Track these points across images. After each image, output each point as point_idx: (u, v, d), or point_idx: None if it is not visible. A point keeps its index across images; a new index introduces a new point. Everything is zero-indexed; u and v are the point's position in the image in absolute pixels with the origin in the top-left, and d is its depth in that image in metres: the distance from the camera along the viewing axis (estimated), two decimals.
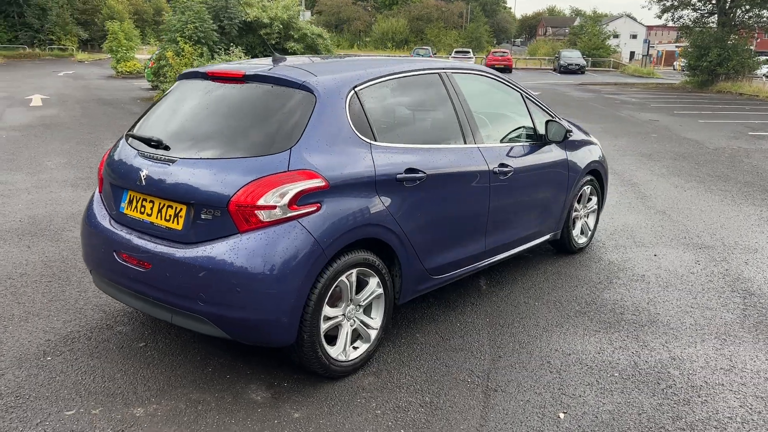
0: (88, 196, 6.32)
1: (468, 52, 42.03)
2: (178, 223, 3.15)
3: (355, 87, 3.45)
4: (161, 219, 3.22)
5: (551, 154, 4.75)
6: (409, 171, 3.51)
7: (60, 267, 4.92)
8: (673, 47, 63.66)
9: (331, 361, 3.26)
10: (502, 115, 4.91)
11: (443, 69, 4.10)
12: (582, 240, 5.44)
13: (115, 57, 29.30)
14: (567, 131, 4.63)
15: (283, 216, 2.99)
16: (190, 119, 3.51)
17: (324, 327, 3.20)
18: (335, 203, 3.13)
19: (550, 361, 3.59)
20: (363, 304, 3.44)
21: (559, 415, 3.07)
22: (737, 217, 6.67)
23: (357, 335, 3.50)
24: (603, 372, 3.47)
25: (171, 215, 3.18)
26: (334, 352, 3.31)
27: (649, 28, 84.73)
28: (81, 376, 3.36)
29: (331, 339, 3.35)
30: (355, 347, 3.46)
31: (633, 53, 71.49)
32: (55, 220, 6.16)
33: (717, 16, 30.93)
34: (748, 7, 29.67)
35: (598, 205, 5.58)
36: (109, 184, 3.60)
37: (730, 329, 4.01)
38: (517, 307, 4.30)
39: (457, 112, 4.03)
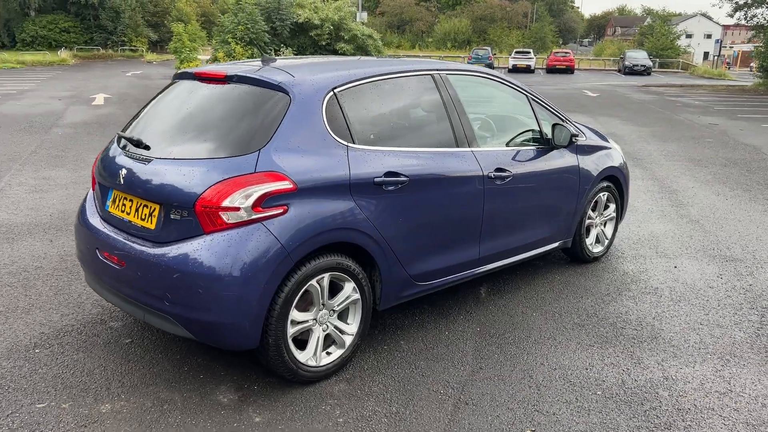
0: None
1: (528, 53, 41.24)
2: (152, 222, 3.17)
3: (334, 88, 3.40)
4: (138, 218, 3.26)
5: (559, 158, 4.57)
6: (390, 175, 3.43)
7: (74, 262, 5.07)
8: (751, 47, 60.79)
9: (299, 366, 3.22)
10: (505, 118, 4.77)
11: (438, 70, 4.00)
12: (597, 249, 5.22)
13: (179, 58, 30.18)
14: (572, 135, 4.43)
15: (248, 218, 2.97)
16: (172, 119, 3.54)
17: (292, 331, 3.17)
18: (303, 206, 3.09)
19: (532, 375, 3.44)
20: (337, 309, 3.38)
21: None
22: None
23: (332, 341, 3.44)
24: (586, 389, 3.30)
25: (146, 214, 3.22)
26: (304, 356, 3.27)
27: (725, 28, 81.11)
28: (62, 370, 3.44)
29: (303, 343, 3.31)
30: (329, 353, 3.41)
31: (707, 54, 68.59)
32: None
33: None
34: None
35: (617, 213, 5.33)
36: (98, 183, 3.68)
37: (738, 349, 3.75)
38: (512, 317, 4.15)
39: (450, 114, 3.91)
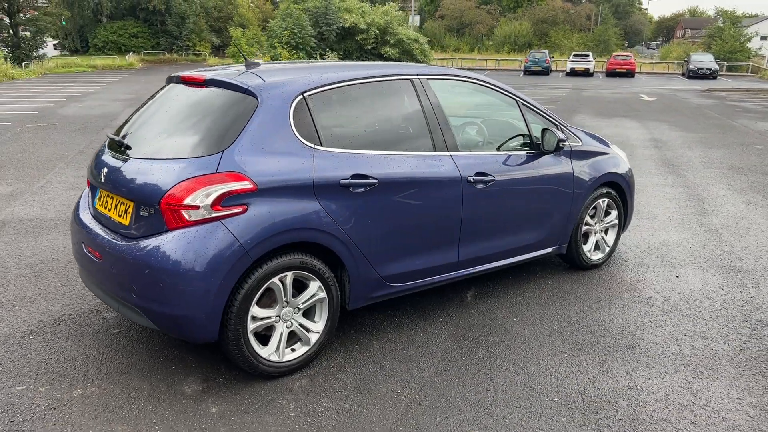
0: None
1: (587, 56, 40.34)
2: (127, 219, 3.35)
3: (304, 92, 3.50)
4: (116, 214, 3.45)
5: (550, 164, 4.53)
6: (357, 177, 3.50)
7: None
8: None
9: (260, 361, 3.33)
10: (499, 122, 4.76)
11: (417, 75, 4.04)
12: (597, 256, 5.13)
13: (237, 62, 31.10)
14: (559, 140, 4.39)
15: (208, 216, 3.10)
16: (155, 120, 3.72)
17: (252, 326, 3.28)
18: (264, 206, 3.20)
19: (493, 380, 3.44)
20: (302, 307, 3.48)
21: None
22: None
23: (298, 338, 3.54)
24: (543, 395, 3.29)
25: (122, 211, 3.40)
26: (266, 352, 3.37)
27: None
28: (48, 356, 3.67)
29: (267, 339, 3.42)
30: (294, 349, 3.51)
31: None
32: None
33: None
34: None
35: (620, 220, 5.23)
36: (89, 182, 3.90)
37: (715, 362, 3.64)
38: (491, 322, 4.15)
39: (428, 119, 3.95)
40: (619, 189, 5.15)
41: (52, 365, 3.57)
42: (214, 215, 3.11)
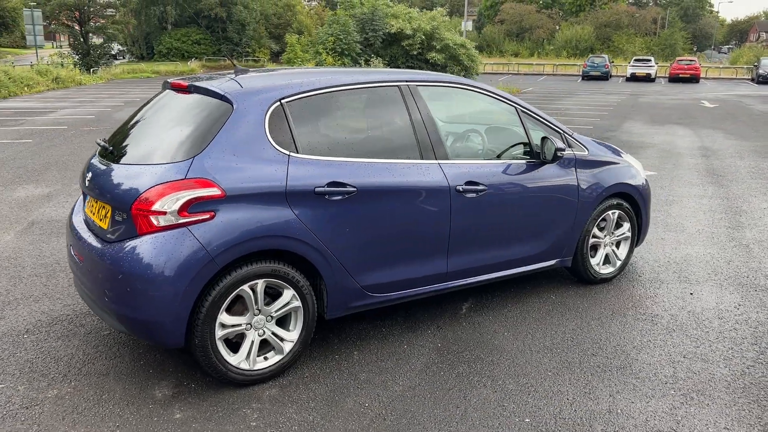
0: None
1: (649, 61, 39.06)
2: (105, 223, 3.41)
3: (282, 99, 3.48)
4: (98, 218, 3.51)
5: (551, 173, 4.37)
6: (334, 185, 3.46)
7: None
8: None
9: (229, 368, 3.32)
10: (501, 130, 4.62)
11: (407, 82, 3.96)
12: (607, 270, 4.91)
13: (292, 66, 31.61)
14: (557, 149, 4.21)
15: (175, 222, 3.11)
16: (141, 127, 3.78)
17: (220, 333, 3.27)
18: (232, 213, 3.19)
19: (467, 397, 3.33)
20: (275, 315, 3.45)
21: None
22: None
23: (272, 346, 3.51)
24: (515, 416, 3.15)
25: (103, 215, 3.46)
26: (236, 359, 3.36)
27: None
28: (36, 355, 3.77)
29: (239, 346, 3.41)
30: (266, 358, 3.49)
31: None
32: None
33: None
34: None
35: (633, 233, 4.99)
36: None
37: (710, 387, 3.41)
38: (481, 335, 4.02)
39: (415, 126, 3.87)
40: (631, 200, 4.91)
41: (37, 364, 3.66)
42: (181, 221, 3.12)
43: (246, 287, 3.30)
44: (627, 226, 4.94)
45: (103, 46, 39.30)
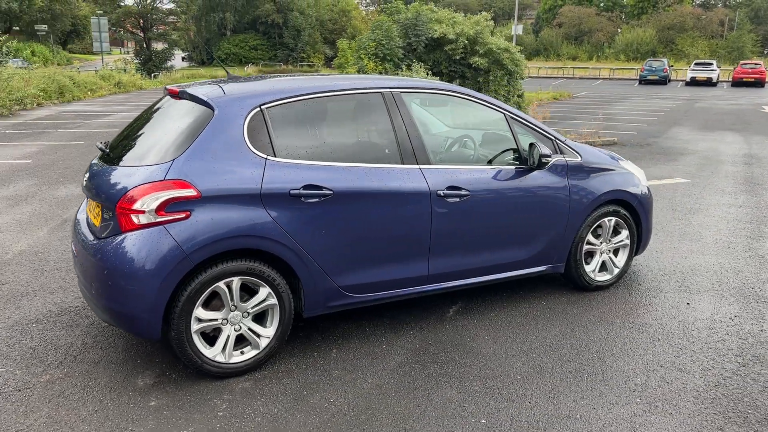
0: None
1: (710, 64, 37.73)
2: (98, 220, 3.64)
3: (262, 105, 3.64)
4: (93, 216, 3.75)
5: (541, 179, 4.38)
6: (309, 188, 3.59)
7: None
8: None
9: (204, 360, 3.50)
10: (490, 136, 4.65)
11: (390, 88, 4.06)
12: (603, 277, 4.87)
13: (342, 72, 32.04)
14: (542, 155, 4.22)
15: (153, 221, 3.31)
16: (136, 131, 4.00)
17: (196, 327, 3.45)
18: (207, 212, 3.37)
19: (430, 396, 3.40)
20: (251, 311, 3.61)
21: None
22: None
23: (248, 341, 3.66)
24: (472, 417, 3.21)
25: (96, 213, 3.70)
26: (211, 352, 3.53)
27: None
28: (39, 343, 4.04)
29: (216, 340, 3.58)
30: (243, 352, 3.64)
31: None
32: None
33: None
34: None
35: (632, 240, 4.93)
36: None
37: (678, 397, 3.37)
38: (461, 338, 4.08)
39: (397, 132, 3.96)
40: (630, 208, 4.86)
41: (38, 351, 3.93)
42: (158, 220, 3.31)
43: (221, 284, 3.46)
44: (625, 233, 4.89)
45: (164, 52, 40.82)
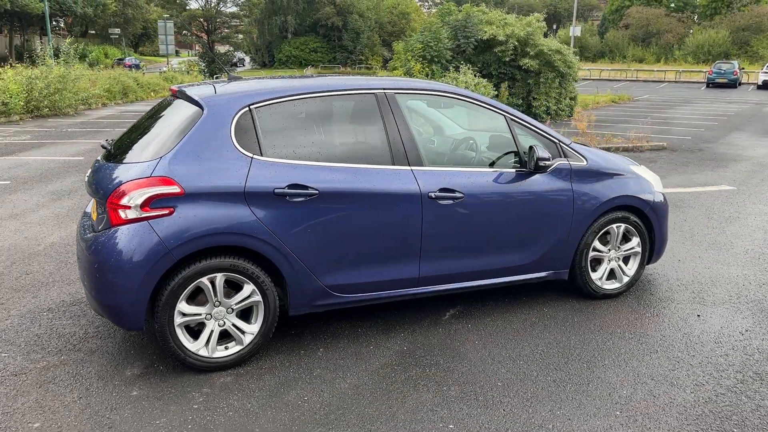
0: None
1: None
2: (95, 216, 3.79)
3: (250, 105, 3.70)
4: (93, 211, 3.90)
5: (541, 182, 4.28)
6: (294, 187, 3.62)
7: None
8: None
9: (187, 354, 3.58)
10: (495, 138, 4.57)
11: (384, 89, 4.05)
12: (611, 285, 4.71)
13: (400, 74, 32.07)
14: (539, 158, 4.12)
15: (138, 216, 3.42)
16: (137, 129, 4.13)
17: (179, 321, 3.53)
18: (190, 209, 3.45)
19: (404, 400, 3.38)
20: (236, 307, 3.67)
21: None
22: None
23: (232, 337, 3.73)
24: (440, 422, 3.16)
25: (94, 208, 3.85)
26: (195, 346, 3.61)
27: None
28: (45, 330, 4.23)
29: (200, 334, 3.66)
30: (227, 347, 3.71)
31: None
32: None
33: None
34: None
35: (643, 248, 4.74)
36: None
37: (662, 412, 3.23)
38: (451, 342, 4.03)
39: (389, 133, 3.95)
40: (641, 215, 4.68)
41: (42, 339, 4.10)
42: (143, 215, 3.41)
43: (205, 280, 3.54)
44: (636, 241, 4.71)
45: (227, 54, 41.93)
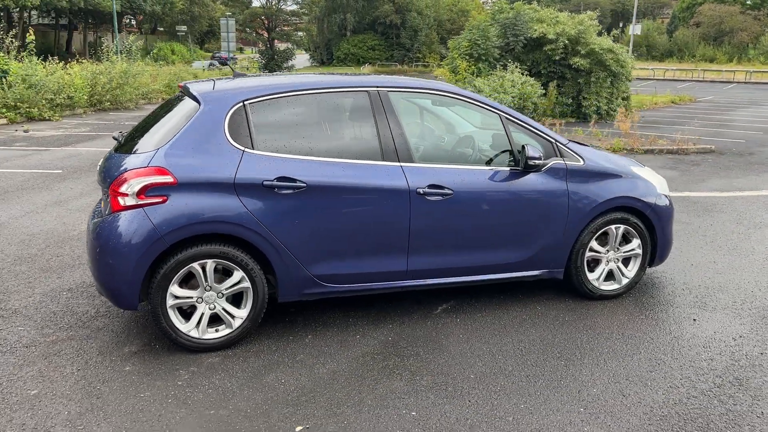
0: None
1: None
2: (103, 203, 4.06)
3: (245, 100, 3.90)
4: (103, 200, 4.18)
5: (534, 181, 4.32)
6: (283, 179, 3.80)
7: None
8: None
9: (178, 334, 3.80)
10: (495, 136, 4.61)
11: (377, 87, 4.17)
12: (610, 287, 4.69)
13: (443, 72, 32.03)
14: (528, 158, 4.15)
15: (134, 203, 3.66)
16: (146, 122, 4.38)
17: (171, 303, 3.76)
18: (182, 198, 3.67)
19: (375, 388, 3.50)
20: (226, 293, 3.87)
21: (296, 429, 3.10)
22: None
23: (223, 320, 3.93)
24: (405, 409, 3.28)
25: (101, 197, 4.12)
26: (186, 327, 3.83)
27: None
28: (62, 308, 4.55)
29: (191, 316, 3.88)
30: (217, 330, 3.91)
31: None
32: None
33: None
34: None
35: (644, 251, 4.69)
36: None
37: (626, 410, 3.24)
38: (435, 335, 4.12)
39: (379, 130, 4.07)
40: (642, 217, 4.64)
41: (57, 315, 4.42)
42: (139, 203, 3.65)
43: (196, 265, 3.75)
44: (636, 242, 4.67)
45: (286, 51, 42.75)
